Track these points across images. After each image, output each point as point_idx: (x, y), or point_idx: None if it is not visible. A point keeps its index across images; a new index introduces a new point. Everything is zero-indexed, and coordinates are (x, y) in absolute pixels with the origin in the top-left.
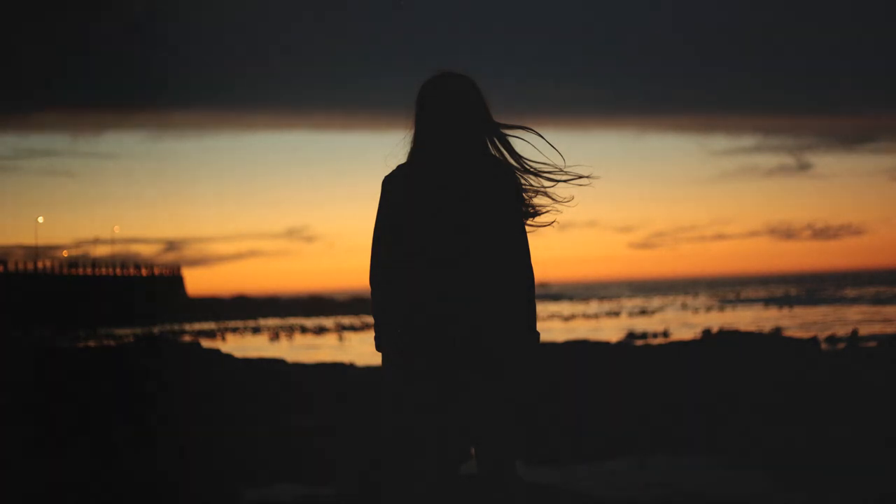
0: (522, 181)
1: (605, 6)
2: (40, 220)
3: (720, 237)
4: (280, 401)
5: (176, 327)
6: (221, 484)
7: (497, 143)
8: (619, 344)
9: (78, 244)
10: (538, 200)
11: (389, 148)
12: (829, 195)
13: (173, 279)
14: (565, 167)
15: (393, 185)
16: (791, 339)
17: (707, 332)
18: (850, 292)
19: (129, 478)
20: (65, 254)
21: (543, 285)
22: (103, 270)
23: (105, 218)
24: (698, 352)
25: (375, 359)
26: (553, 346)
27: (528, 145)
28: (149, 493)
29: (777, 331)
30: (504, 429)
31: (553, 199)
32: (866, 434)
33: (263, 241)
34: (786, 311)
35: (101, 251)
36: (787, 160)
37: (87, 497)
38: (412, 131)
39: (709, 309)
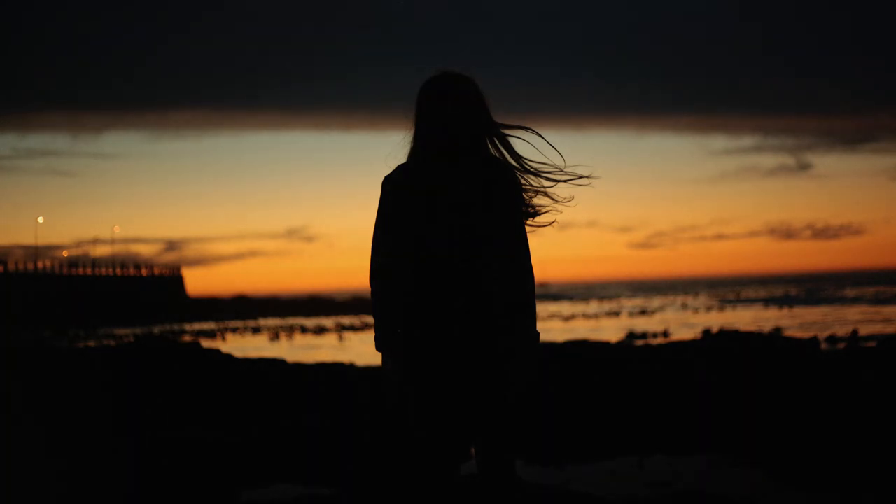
0: (522, 181)
1: (605, 6)
2: (40, 220)
3: (720, 237)
4: (280, 401)
5: (176, 327)
6: (220, 484)
7: (497, 143)
8: (619, 344)
9: (78, 244)
10: (538, 200)
11: (389, 148)
12: (829, 195)
13: (173, 279)
14: (565, 167)
15: (393, 186)
16: (791, 339)
17: (707, 332)
18: (850, 292)
19: (128, 477)
20: (65, 254)
21: (543, 285)
22: (103, 270)
23: (105, 218)
24: (698, 352)
25: (376, 359)
26: (553, 346)
27: (528, 145)
28: (149, 492)
29: (777, 331)
30: (504, 428)
31: (553, 199)
32: (866, 434)
33: (263, 241)
34: (786, 311)
35: (101, 251)
36: (787, 160)
37: (87, 497)
38: (412, 131)
39: (709, 309)
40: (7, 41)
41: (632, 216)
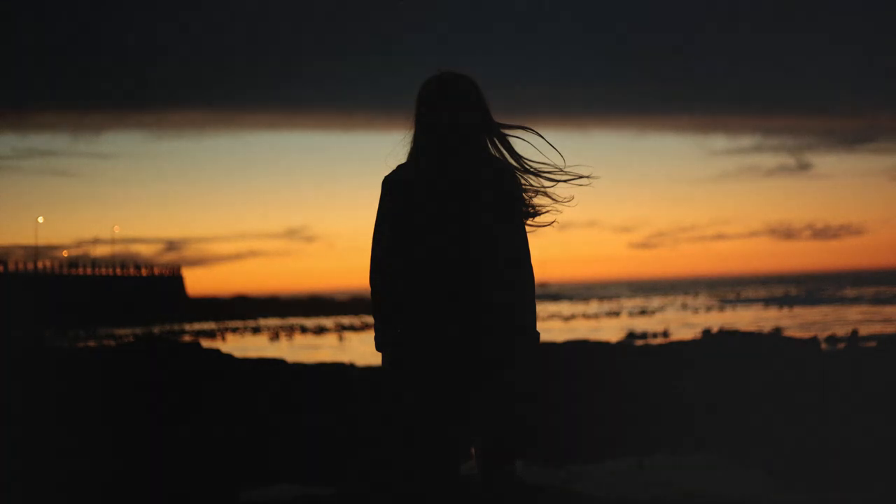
0: (522, 181)
1: (604, 6)
2: (40, 220)
3: (720, 237)
4: (280, 401)
5: (176, 327)
6: (220, 484)
7: (497, 143)
8: (619, 344)
9: (78, 244)
10: (538, 200)
11: (389, 148)
12: (829, 195)
13: (173, 279)
14: (565, 167)
15: (393, 185)
16: (791, 339)
17: (707, 332)
18: (850, 292)
19: (129, 477)
20: (65, 254)
21: (543, 285)
22: (103, 270)
23: (105, 218)
24: (698, 352)
25: (375, 359)
26: (553, 346)
27: (528, 145)
28: (149, 492)
29: (777, 331)
30: (504, 429)
31: (553, 199)
32: (866, 434)
33: (263, 241)
34: (786, 311)
35: (101, 251)
36: (787, 160)
37: (86, 496)
38: (412, 131)
39: (709, 309)
40: (7, 41)
41: (632, 216)
